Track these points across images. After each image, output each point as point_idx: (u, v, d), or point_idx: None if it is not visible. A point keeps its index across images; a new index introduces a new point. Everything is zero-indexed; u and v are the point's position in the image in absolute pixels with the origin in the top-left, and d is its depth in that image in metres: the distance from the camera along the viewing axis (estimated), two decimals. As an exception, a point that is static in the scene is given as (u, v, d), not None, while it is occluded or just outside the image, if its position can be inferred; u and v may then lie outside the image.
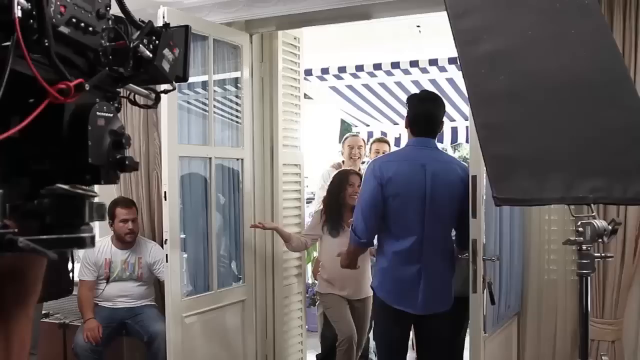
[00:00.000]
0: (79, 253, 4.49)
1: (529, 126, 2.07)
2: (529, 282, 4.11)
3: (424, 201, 3.58)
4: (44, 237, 0.74)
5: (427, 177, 3.57)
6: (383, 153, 5.70)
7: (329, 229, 4.64)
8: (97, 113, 0.83)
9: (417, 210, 3.58)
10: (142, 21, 0.98)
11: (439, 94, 4.08)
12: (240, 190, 4.71)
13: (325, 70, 7.07)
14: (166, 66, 0.99)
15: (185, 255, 4.51)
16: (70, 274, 1.01)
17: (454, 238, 3.81)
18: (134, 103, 1.09)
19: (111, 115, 0.86)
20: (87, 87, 0.82)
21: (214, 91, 4.50)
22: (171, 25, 1.03)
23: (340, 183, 4.66)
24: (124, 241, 4.64)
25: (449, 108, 7.66)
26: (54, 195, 0.77)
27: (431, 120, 3.71)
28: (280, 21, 4.58)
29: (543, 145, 2.06)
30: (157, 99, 1.07)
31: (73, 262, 1.01)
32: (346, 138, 6.36)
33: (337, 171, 5.10)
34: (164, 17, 3.71)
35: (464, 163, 3.89)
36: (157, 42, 0.98)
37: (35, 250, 0.71)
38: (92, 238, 0.80)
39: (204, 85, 4.41)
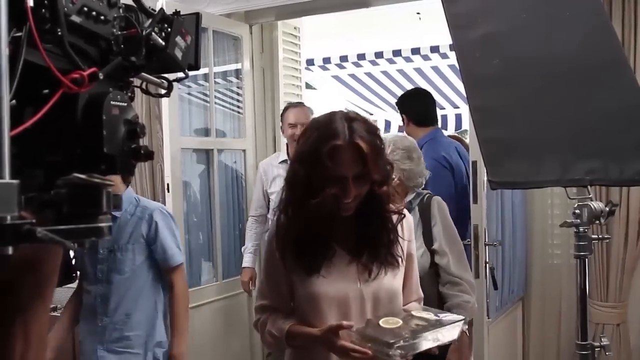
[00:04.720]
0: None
1: (524, 109, 2.06)
2: (532, 267, 4.11)
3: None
4: (62, 227, 0.73)
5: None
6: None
7: (299, 261, 2.00)
8: (112, 102, 0.83)
9: None
10: (152, 9, 0.97)
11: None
12: (242, 180, 4.73)
13: (327, 60, 7.06)
14: (179, 54, 0.98)
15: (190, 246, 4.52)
16: (73, 261, 1.00)
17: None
18: (146, 92, 1.07)
19: (125, 104, 0.85)
20: (100, 76, 0.81)
21: (215, 82, 4.51)
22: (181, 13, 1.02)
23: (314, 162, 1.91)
24: None
25: (451, 95, 7.65)
26: (71, 185, 0.75)
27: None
28: (279, 11, 4.58)
29: (538, 128, 2.05)
30: (170, 88, 1.05)
31: (75, 252, 1.01)
32: (285, 109, 4.36)
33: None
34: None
35: None
36: (169, 30, 0.97)
37: (54, 241, 0.70)
38: (110, 228, 0.79)
39: (205, 77, 4.41)
